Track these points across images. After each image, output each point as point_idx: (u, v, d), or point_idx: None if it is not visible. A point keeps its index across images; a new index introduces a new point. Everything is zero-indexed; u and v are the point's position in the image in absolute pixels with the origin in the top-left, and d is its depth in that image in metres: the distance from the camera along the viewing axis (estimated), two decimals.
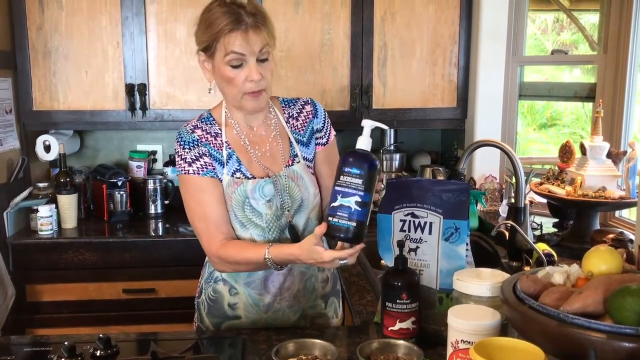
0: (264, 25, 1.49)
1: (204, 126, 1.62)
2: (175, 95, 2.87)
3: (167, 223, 2.95)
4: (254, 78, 1.49)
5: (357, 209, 1.32)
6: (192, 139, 1.60)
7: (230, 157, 1.60)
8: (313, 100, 1.72)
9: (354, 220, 1.32)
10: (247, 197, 1.58)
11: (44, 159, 2.94)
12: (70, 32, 2.78)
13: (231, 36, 1.47)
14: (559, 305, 1.03)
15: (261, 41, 1.49)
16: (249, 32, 1.47)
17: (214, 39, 1.49)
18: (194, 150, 1.58)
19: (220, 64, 1.52)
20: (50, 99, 2.82)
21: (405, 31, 2.91)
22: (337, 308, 1.81)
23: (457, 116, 3.01)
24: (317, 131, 1.69)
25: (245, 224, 1.60)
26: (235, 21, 1.46)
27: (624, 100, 2.47)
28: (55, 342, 1.47)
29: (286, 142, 1.65)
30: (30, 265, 2.65)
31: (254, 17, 1.48)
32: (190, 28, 2.78)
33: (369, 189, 1.34)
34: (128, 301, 2.69)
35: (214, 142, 1.61)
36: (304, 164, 1.65)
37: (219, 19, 1.48)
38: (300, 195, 1.62)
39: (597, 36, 2.83)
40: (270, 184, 1.59)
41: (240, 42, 1.47)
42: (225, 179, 1.59)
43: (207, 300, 1.70)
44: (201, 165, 1.58)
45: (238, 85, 1.51)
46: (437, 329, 1.46)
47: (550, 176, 2.40)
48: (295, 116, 1.68)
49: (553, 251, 1.84)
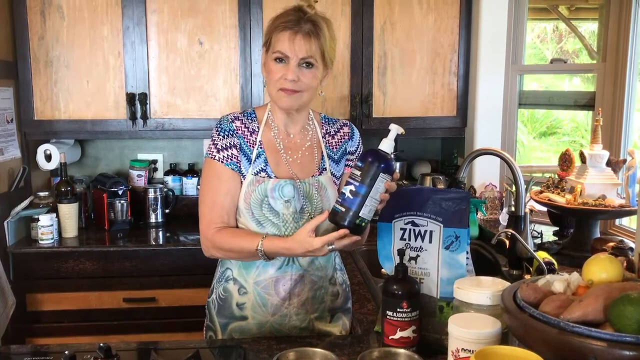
0: (316, 35, 1.56)
1: (245, 120, 1.68)
2: (175, 105, 2.88)
3: (167, 232, 2.95)
4: (289, 77, 1.56)
5: (349, 196, 1.40)
6: (229, 127, 1.65)
7: (259, 157, 1.65)
8: (352, 125, 1.80)
9: (344, 206, 1.41)
10: (266, 196, 1.61)
11: (44, 168, 2.95)
12: (71, 41, 2.79)
13: (282, 34, 1.55)
14: (559, 314, 1.03)
15: (307, 49, 1.55)
16: (298, 36, 1.54)
17: (270, 34, 1.58)
18: (227, 139, 1.64)
19: (268, 59, 1.60)
20: (51, 108, 2.83)
21: (405, 40, 2.93)
22: (346, 325, 1.80)
23: (457, 125, 3.02)
24: (350, 153, 1.76)
25: (262, 222, 1.63)
26: (292, 22, 1.55)
27: (624, 109, 2.48)
28: (56, 351, 1.47)
29: (319, 154, 1.71)
30: (31, 274, 2.65)
31: (311, 24, 1.56)
32: (191, 38, 2.82)
33: (364, 182, 1.40)
34: (128, 310, 2.68)
35: (249, 138, 1.66)
36: (330, 177, 1.70)
37: (281, 17, 1.57)
38: (320, 204, 1.66)
39: (596, 45, 2.84)
40: (291, 186, 1.63)
41: (287, 43, 1.55)
42: (249, 177, 1.63)
43: (217, 300, 1.72)
44: (228, 155, 1.63)
45: (275, 79, 1.58)
46: (438, 337, 1.46)
47: (550, 184, 2.40)
48: (332, 134, 1.75)
49: (553, 259, 1.84)
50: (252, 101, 2.88)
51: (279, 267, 1.65)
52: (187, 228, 2.94)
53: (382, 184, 1.41)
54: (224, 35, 2.85)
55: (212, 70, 2.87)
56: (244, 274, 1.67)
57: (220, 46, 2.85)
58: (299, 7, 1.58)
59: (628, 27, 2.44)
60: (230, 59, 2.87)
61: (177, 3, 2.81)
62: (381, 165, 1.40)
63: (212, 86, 2.88)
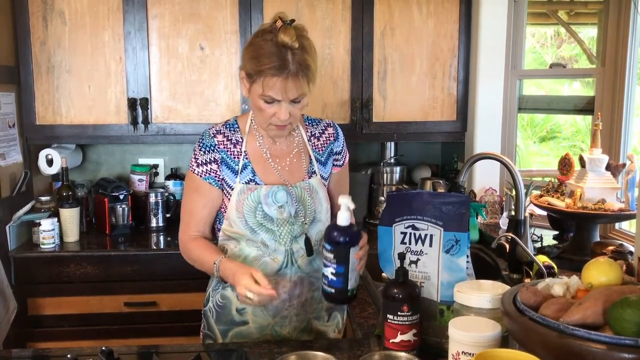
0: (305, 75, 1.52)
1: (227, 132, 1.69)
2: (177, 110, 2.89)
3: (168, 236, 2.96)
4: (281, 118, 1.56)
5: (333, 278, 1.50)
6: (210, 143, 1.67)
7: (245, 168, 1.66)
8: (335, 124, 1.81)
9: (333, 287, 1.51)
10: (259, 203, 1.63)
11: (46, 172, 2.95)
12: (73, 47, 2.81)
13: (271, 80, 1.51)
14: (559, 317, 1.04)
15: (297, 90, 1.53)
16: (288, 80, 1.50)
17: (256, 73, 1.53)
18: (208, 154, 1.66)
19: (254, 93, 1.57)
20: (53, 113, 2.84)
21: (405, 45, 2.94)
22: (339, 323, 1.85)
23: (457, 129, 3.03)
24: (336, 153, 1.78)
25: (256, 229, 1.64)
26: (280, 67, 1.49)
27: (623, 113, 2.49)
28: (58, 355, 1.48)
29: (307, 158, 1.72)
30: (32, 278, 2.65)
31: (298, 66, 1.50)
32: (192, 43, 2.84)
33: (340, 262, 1.49)
34: (129, 314, 2.69)
35: (232, 150, 1.67)
36: (320, 179, 1.72)
37: (265, 57, 1.50)
38: (313, 207, 1.69)
39: (595, 50, 2.85)
40: (284, 191, 1.64)
41: (278, 88, 1.51)
42: (238, 186, 1.64)
43: (215, 307, 1.73)
44: (207, 170, 1.66)
45: (266, 117, 1.58)
46: (438, 340, 1.46)
47: (550, 188, 2.41)
48: (317, 136, 1.76)
49: (553, 263, 1.84)
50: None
51: (277, 270, 1.66)
52: None
53: (354, 254, 1.49)
54: (224, 40, 2.86)
55: (213, 75, 2.88)
56: None
57: (221, 51, 2.87)
58: (283, 44, 1.49)
59: (627, 32, 2.45)
60: (231, 64, 2.88)
61: (178, 9, 2.82)
62: (348, 242, 1.48)
63: (213, 91, 2.89)
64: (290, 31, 1.50)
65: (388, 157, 3.21)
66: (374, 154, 3.39)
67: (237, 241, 1.67)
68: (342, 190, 1.81)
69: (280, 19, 1.52)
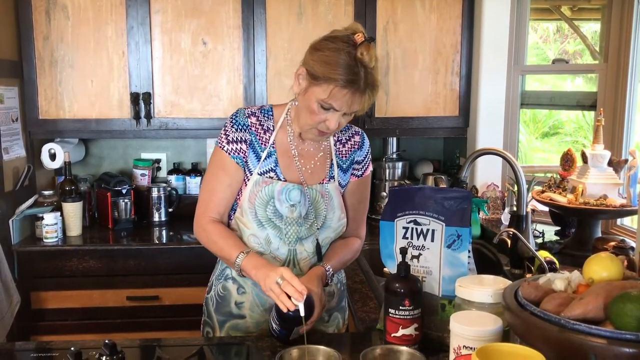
0: (371, 95, 1.51)
1: (261, 116, 1.67)
2: (179, 104, 2.90)
3: (171, 231, 2.97)
4: (331, 127, 1.54)
5: (276, 330, 1.52)
6: (244, 122, 1.64)
7: (270, 156, 1.64)
8: (363, 133, 1.78)
9: (275, 333, 1.53)
10: (272, 198, 1.61)
11: (49, 167, 2.96)
12: (76, 41, 2.81)
13: (342, 91, 1.48)
14: (560, 312, 1.04)
15: (359, 106, 1.52)
16: (355, 95, 1.49)
17: (325, 79, 1.49)
18: (240, 133, 1.63)
19: (312, 95, 1.52)
20: (56, 107, 2.84)
21: (407, 41, 2.94)
22: (340, 324, 1.82)
23: (459, 125, 3.03)
24: (357, 162, 1.75)
25: (264, 223, 1.63)
26: (351, 82, 1.47)
27: (625, 109, 2.49)
28: (61, 347, 1.48)
29: (329, 163, 1.70)
30: (35, 272, 2.66)
31: (368, 84, 1.49)
32: (194, 38, 2.84)
33: (286, 329, 1.50)
34: (132, 309, 2.70)
35: (261, 136, 1.65)
36: (337, 186, 1.70)
37: (340, 67, 1.47)
38: (325, 212, 1.67)
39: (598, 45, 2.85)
40: (298, 190, 1.62)
41: (343, 100, 1.49)
42: (254, 177, 1.63)
43: (216, 297, 1.73)
44: (236, 149, 1.63)
45: (315, 120, 1.55)
46: (440, 335, 1.47)
47: (552, 184, 2.41)
48: (343, 142, 1.74)
49: (555, 259, 1.85)
50: (254, 101, 2.90)
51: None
52: (190, 227, 2.90)
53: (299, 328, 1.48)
54: (227, 35, 2.86)
55: (216, 70, 2.88)
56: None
57: (224, 46, 2.87)
58: (360, 60, 1.47)
59: (630, 27, 2.45)
60: (233, 59, 2.88)
61: (181, 3, 2.82)
62: (294, 323, 1.47)
63: (216, 86, 2.90)
64: (372, 51, 1.49)
65: (390, 153, 3.21)
66: (376, 150, 3.38)
67: (242, 233, 1.66)
68: (357, 203, 1.77)
69: (363, 34, 1.50)
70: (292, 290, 1.41)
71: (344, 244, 1.75)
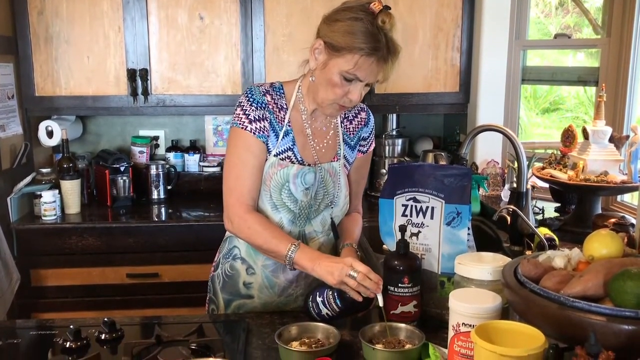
0: (393, 61, 1.49)
1: (274, 94, 1.62)
2: (177, 81, 2.87)
3: (170, 208, 2.96)
4: (354, 99, 1.51)
5: (325, 313, 1.50)
6: (261, 100, 1.59)
7: (287, 135, 1.61)
8: (368, 110, 1.77)
9: (319, 316, 1.51)
10: (287, 181, 1.59)
11: (46, 144, 2.94)
12: (71, 16, 2.77)
13: (366, 60, 1.45)
14: (559, 289, 1.04)
15: (380, 74, 1.50)
16: (379, 63, 1.47)
17: (348, 49, 1.45)
18: (260, 111, 1.58)
19: (334, 68, 1.48)
20: (52, 84, 2.81)
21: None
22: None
23: (460, 101, 3.00)
24: (363, 139, 1.74)
25: (279, 207, 1.61)
26: (376, 49, 1.44)
27: (627, 85, 2.46)
28: (61, 325, 1.49)
29: (337, 140, 1.69)
30: (35, 250, 2.67)
31: (389, 53, 1.47)
32: (191, 13, 2.80)
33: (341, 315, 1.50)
34: (132, 286, 2.71)
35: (278, 115, 1.61)
36: (343, 163, 1.69)
37: (363, 35, 1.44)
38: (333, 191, 1.66)
39: (601, 20, 2.81)
40: (313, 173, 1.61)
41: (368, 69, 1.47)
42: (270, 159, 1.59)
43: (223, 276, 1.72)
44: (260, 127, 1.57)
45: (338, 94, 1.51)
46: (439, 312, 1.47)
47: (552, 161, 2.39)
48: (350, 119, 1.72)
49: (555, 236, 1.84)
50: (253, 77, 2.87)
51: None
52: (189, 204, 2.95)
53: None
54: (224, 10, 2.82)
55: (213, 46, 2.85)
56: (252, 254, 1.67)
57: (221, 21, 2.83)
58: (381, 27, 1.45)
59: (634, 1, 2.41)
60: (231, 34, 2.84)
61: None
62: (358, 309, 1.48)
63: (213, 62, 2.86)
64: (392, 17, 1.47)
65: (390, 130, 3.19)
66: (376, 127, 3.34)
67: None
68: (361, 178, 1.79)
69: (379, 1, 1.48)
70: (370, 283, 1.39)
71: (353, 221, 1.76)
